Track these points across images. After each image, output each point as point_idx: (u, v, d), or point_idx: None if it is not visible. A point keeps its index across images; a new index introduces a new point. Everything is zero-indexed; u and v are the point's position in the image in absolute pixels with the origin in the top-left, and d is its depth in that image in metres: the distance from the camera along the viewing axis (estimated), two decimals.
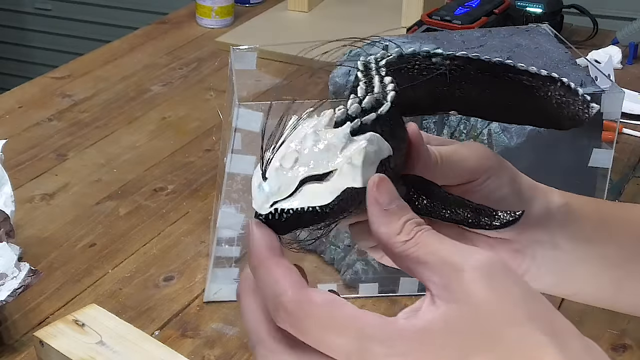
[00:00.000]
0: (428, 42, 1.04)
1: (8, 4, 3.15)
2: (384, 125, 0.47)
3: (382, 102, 0.48)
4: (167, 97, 1.49)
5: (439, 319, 0.41)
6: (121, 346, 0.84)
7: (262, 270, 0.44)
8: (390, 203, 0.44)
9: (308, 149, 0.45)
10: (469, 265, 0.42)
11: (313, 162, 0.44)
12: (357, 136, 0.45)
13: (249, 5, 1.90)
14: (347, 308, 0.42)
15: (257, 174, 0.46)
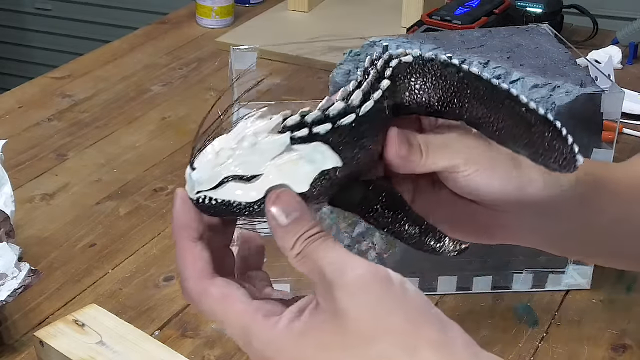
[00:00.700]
0: (428, 42, 1.04)
1: (8, 4, 3.15)
2: (343, 135, 0.49)
3: (354, 109, 0.49)
4: (167, 97, 1.49)
5: (313, 328, 0.46)
6: (121, 346, 0.84)
7: (177, 247, 0.49)
8: (286, 217, 0.47)
9: (243, 150, 0.47)
10: (342, 281, 0.45)
11: (244, 163, 0.47)
12: (299, 145, 0.48)
13: (249, 5, 1.90)
14: (238, 304, 0.48)
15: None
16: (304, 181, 0.48)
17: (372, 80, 0.51)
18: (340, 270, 0.45)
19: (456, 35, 1.08)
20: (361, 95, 0.50)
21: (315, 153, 0.48)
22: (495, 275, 1.03)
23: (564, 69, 0.99)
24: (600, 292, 1.03)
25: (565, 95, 0.94)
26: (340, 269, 0.45)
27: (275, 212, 0.47)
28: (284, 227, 0.47)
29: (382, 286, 0.45)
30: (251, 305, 0.47)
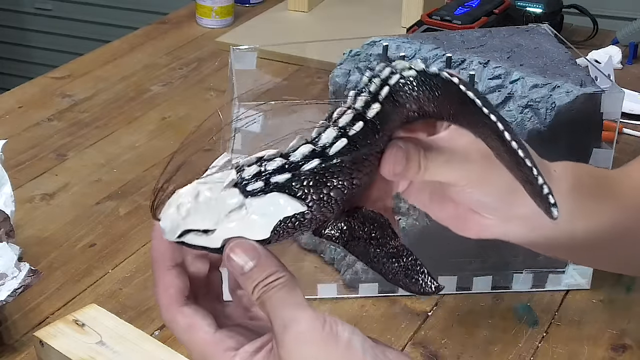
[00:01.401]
0: (428, 42, 1.04)
1: (8, 4, 3.15)
2: (306, 181, 0.50)
3: (323, 151, 0.50)
4: (167, 97, 1.49)
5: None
6: (121, 346, 0.84)
7: (154, 273, 0.52)
8: (244, 266, 0.50)
9: (199, 205, 0.50)
10: (283, 338, 0.48)
11: (201, 219, 0.50)
12: (254, 198, 0.49)
13: (249, 5, 1.90)
14: (202, 335, 0.51)
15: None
16: (263, 230, 0.50)
17: (360, 107, 0.51)
18: (284, 326, 0.48)
19: (456, 35, 1.08)
20: (334, 135, 0.50)
21: (269, 206, 0.49)
22: (495, 275, 1.03)
23: (564, 69, 0.99)
24: (600, 292, 1.03)
25: (565, 95, 0.94)
26: (284, 324, 0.48)
27: (233, 263, 0.50)
28: (243, 274, 0.50)
29: (323, 343, 0.48)
30: (214, 337, 0.51)
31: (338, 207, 0.51)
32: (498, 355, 0.93)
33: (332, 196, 0.50)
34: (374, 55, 1.04)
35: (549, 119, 0.94)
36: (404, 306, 1.01)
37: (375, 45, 1.04)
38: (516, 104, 0.95)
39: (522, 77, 0.97)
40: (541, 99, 0.94)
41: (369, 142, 0.50)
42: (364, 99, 0.51)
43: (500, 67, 0.99)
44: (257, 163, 0.50)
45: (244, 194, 0.49)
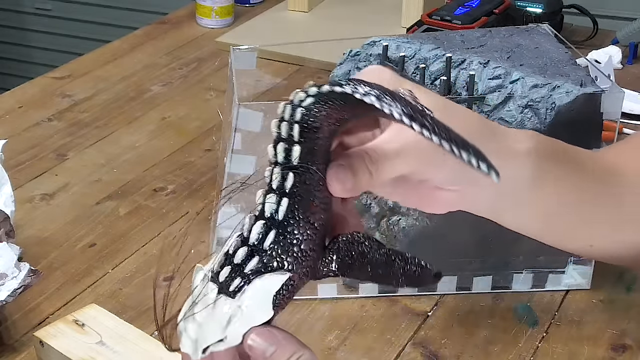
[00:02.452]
0: (428, 42, 1.04)
1: (8, 4, 3.15)
2: (271, 258, 0.52)
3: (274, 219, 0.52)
4: (167, 97, 1.49)
5: None
6: (121, 346, 0.84)
7: None
8: (264, 353, 0.51)
9: (202, 327, 0.54)
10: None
11: (210, 334, 0.53)
12: (239, 295, 0.52)
13: (249, 5, 1.90)
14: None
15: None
16: (265, 313, 0.51)
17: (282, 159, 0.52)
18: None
19: (456, 35, 1.08)
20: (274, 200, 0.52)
21: (258, 292, 0.51)
22: (495, 275, 1.03)
23: (564, 69, 0.99)
24: (600, 292, 1.03)
25: (565, 95, 0.94)
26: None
27: (255, 351, 0.51)
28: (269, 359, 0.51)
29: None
30: None
31: (316, 252, 0.53)
32: (498, 355, 0.93)
33: (303, 249, 0.52)
34: (374, 55, 1.04)
35: (549, 119, 0.94)
36: (404, 306, 1.01)
37: (375, 45, 1.04)
38: (516, 104, 0.95)
39: (522, 77, 0.97)
40: (541, 99, 0.94)
41: (308, 184, 0.51)
42: (282, 148, 0.51)
43: (500, 67, 0.99)
44: (226, 262, 0.52)
45: (231, 297, 0.52)
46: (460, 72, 1.00)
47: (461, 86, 0.99)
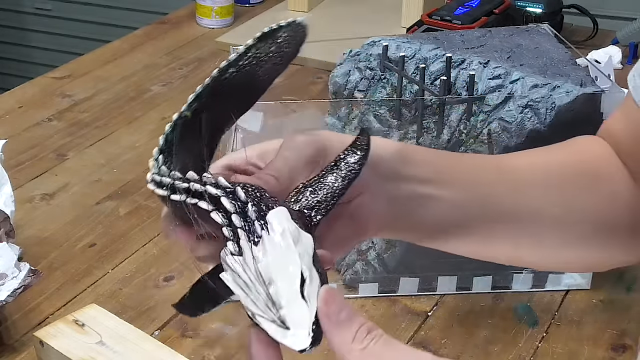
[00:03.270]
0: (428, 42, 1.04)
1: (8, 4, 3.15)
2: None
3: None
4: (167, 97, 1.49)
5: None
6: (121, 346, 0.84)
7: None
8: (339, 313, 0.47)
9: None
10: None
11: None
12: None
13: (249, 5, 1.90)
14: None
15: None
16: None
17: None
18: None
19: (456, 35, 1.08)
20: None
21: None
22: (495, 275, 1.03)
23: (564, 69, 0.99)
24: (600, 292, 1.03)
25: (565, 95, 0.94)
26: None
27: (327, 310, 0.47)
28: (339, 323, 0.47)
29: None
30: None
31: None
32: (498, 355, 0.93)
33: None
34: (374, 55, 1.04)
35: (549, 119, 0.94)
36: (404, 306, 1.01)
37: (375, 45, 1.05)
38: (516, 104, 0.95)
39: (522, 77, 0.97)
40: (541, 99, 0.94)
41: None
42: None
43: (500, 67, 0.99)
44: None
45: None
46: (460, 72, 1.00)
47: (461, 86, 0.99)
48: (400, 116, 1.00)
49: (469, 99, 0.97)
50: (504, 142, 0.96)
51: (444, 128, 0.98)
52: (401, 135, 1.00)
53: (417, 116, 0.98)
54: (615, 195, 0.71)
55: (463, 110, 0.97)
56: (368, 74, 1.04)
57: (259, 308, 0.46)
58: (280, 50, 0.57)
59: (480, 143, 0.97)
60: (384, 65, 1.03)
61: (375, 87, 1.03)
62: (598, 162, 0.74)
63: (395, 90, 1.02)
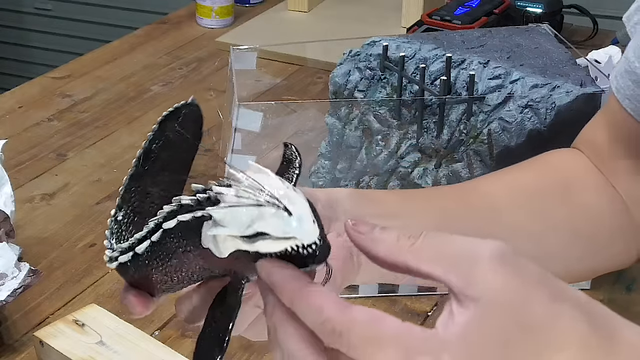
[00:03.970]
0: (428, 42, 1.04)
1: (8, 4, 3.15)
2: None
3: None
4: (167, 97, 1.49)
5: (473, 320, 0.42)
6: (121, 346, 0.84)
7: (300, 301, 0.44)
8: (373, 228, 0.46)
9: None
10: (483, 259, 0.43)
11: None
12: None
13: (249, 5, 1.90)
14: (390, 322, 0.43)
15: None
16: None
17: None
18: (476, 248, 0.43)
19: (456, 35, 1.08)
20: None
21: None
22: None
23: (564, 69, 0.99)
24: (600, 292, 1.03)
25: (565, 95, 0.94)
26: (474, 247, 0.43)
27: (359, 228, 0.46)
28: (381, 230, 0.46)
29: (519, 255, 0.44)
30: (402, 323, 0.44)
31: None
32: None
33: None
34: (374, 55, 1.04)
35: (549, 119, 0.95)
36: (404, 306, 1.00)
37: (375, 45, 1.05)
38: (516, 104, 0.95)
39: (522, 77, 0.97)
40: (541, 99, 0.94)
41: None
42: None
43: (500, 67, 0.99)
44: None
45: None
46: (460, 72, 1.00)
47: (461, 86, 0.99)
48: (400, 116, 1.00)
49: (469, 99, 0.97)
50: (504, 142, 0.96)
51: (444, 128, 0.98)
52: (401, 135, 1.00)
53: (417, 116, 0.98)
54: (589, 205, 0.71)
55: (463, 110, 0.97)
56: (368, 74, 1.04)
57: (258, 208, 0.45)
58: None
59: (480, 143, 0.97)
60: (384, 65, 1.03)
61: (375, 87, 1.03)
62: (569, 173, 0.74)
63: (395, 90, 1.02)
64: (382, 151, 1.01)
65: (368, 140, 1.02)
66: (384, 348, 0.42)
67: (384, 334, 0.43)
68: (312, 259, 0.45)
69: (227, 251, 0.47)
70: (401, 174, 1.01)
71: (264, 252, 0.45)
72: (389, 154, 1.01)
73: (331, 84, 1.06)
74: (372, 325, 0.43)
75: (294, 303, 0.44)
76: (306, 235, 0.45)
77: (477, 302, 0.42)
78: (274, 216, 0.44)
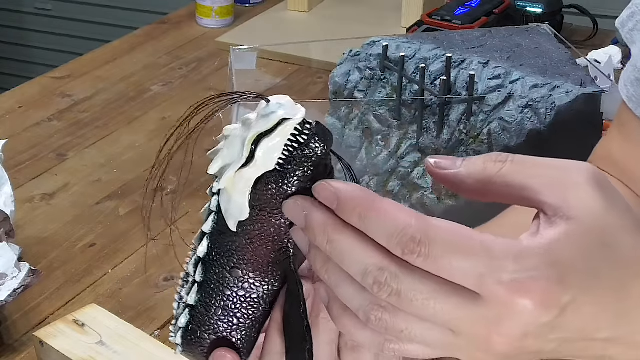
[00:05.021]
0: (428, 42, 1.04)
1: (8, 4, 3.15)
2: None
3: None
4: (167, 97, 1.49)
5: (563, 235, 0.42)
6: (121, 346, 0.84)
7: (373, 214, 0.43)
8: (455, 162, 0.45)
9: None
10: (581, 181, 0.43)
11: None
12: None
13: (249, 5, 1.90)
14: (471, 231, 0.42)
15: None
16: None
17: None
18: (573, 171, 0.44)
19: (456, 35, 1.08)
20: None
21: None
22: None
23: (564, 69, 0.99)
24: None
25: (566, 95, 0.94)
26: (571, 169, 0.44)
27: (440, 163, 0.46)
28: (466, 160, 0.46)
29: (609, 181, 0.45)
30: (481, 232, 0.43)
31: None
32: None
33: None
34: (374, 55, 1.04)
35: (549, 119, 0.95)
36: None
37: (375, 45, 1.05)
38: (516, 104, 0.95)
39: (522, 77, 0.97)
40: (541, 99, 0.95)
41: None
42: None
43: (500, 67, 0.99)
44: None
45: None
46: (460, 72, 1.00)
47: (461, 86, 0.99)
48: (400, 116, 1.00)
49: (469, 99, 0.97)
50: (504, 142, 0.96)
51: (444, 128, 0.98)
52: (401, 135, 1.00)
53: (417, 116, 0.98)
54: None
55: (463, 110, 0.97)
56: (368, 74, 1.04)
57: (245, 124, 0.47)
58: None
59: (480, 143, 0.97)
60: (384, 65, 1.03)
61: (375, 87, 1.03)
62: None
63: (395, 90, 1.02)
64: (382, 151, 1.01)
65: (368, 140, 1.02)
66: (467, 256, 0.41)
67: (467, 241, 0.42)
68: (315, 142, 0.45)
69: (244, 197, 0.47)
70: (401, 174, 1.01)
71: (268, 159, 0.45)
72: (389, 154, 1.01)
73: (331, 84, 1.06)
74: (455, 232, 0.42)
75: (365, 216, 0.43)
76: (292, 110, 0.45)
77: (570, 220, 0.42)
78: (260, 116, 0.46)
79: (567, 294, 0.42)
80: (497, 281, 0.41)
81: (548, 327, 0.42)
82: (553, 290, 0.41)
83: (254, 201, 0.47)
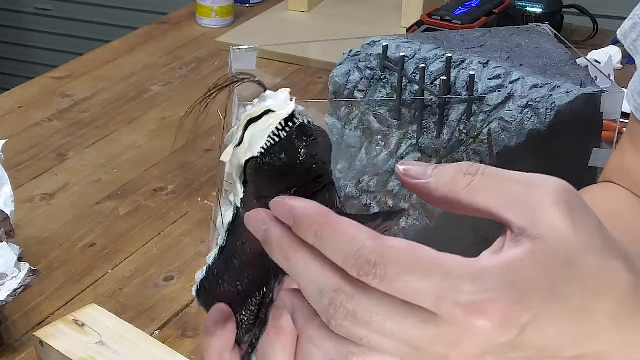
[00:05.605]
0: (428, 42, 1.04)
1: (8, 4, 3.15)
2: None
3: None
4: (167, 97, 1.49)
5: (526, 254, 0.42)
6: (121, 346, 0.84)
7: (329, 232, 0.42)
8: (425, 170, 0.45)
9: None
10: (549, 200, 0.42)
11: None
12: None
13: (249, 5, 1.90)
14: (428, 250, 0.42)
15: None
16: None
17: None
18: (541, 189, 0.43)
19: (456, 35, 1.08)
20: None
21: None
22: None
23: (564, 69, 0.99)
24: None
25: (566, 95, 0.94)
26: (539, 187, 0.43)
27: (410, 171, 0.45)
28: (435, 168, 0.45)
29: (583, 201, 0.44)
30: (439, 252, 0.42)
31: None
32: None
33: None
34: (374, 55, 1.04)
35: (549, 119, 0.94)
36: None
37: (375, 45, 1.05)
38: (516, 104, 0.95)
39: (522, 77, 0.97)
40: (541, 99, 0.95)
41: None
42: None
43: (500, 67, 0.99)
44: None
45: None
46: (460, 72, 1.00)
47: (461, 86, 0.99)
48: (400, 116, 1.00)
49: (469, 99, 0.97)
50: (504, 142, 0.96)
51: (444, 128, 0.98)
52: (401, 135, 1.00)
53: (417, 116, 0.98)
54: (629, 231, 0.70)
55: (463, 110, 0.97)
56: (368, 74, 1.04)
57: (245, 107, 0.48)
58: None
59: (480, 143, 0.97)
60: (384, 65, 1.03)
61: (375, 87, 1.03)
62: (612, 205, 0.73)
63: (395, 90, 1.02)
64: (382, 151, 1.01)
65: (368, 140, 1.02)
66: (423, 277, 0.41)
67: (423, 261, 0.41)
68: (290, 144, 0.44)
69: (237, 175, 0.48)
70: None
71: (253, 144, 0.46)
72: (389, 154, 1.01)
73: (331, 84, 1.06)
74: (411, 253, 0.41)
75: (321, 235, 0.42)
76: (281, 104, 0.47)
77: (535, 240, 0.42)
78: (257, 101, 0.48)
79: (528, 314, 0.41)
80: (454, 302, 0.41)
81: (508, 346, 0.41)
82: (512, 309, 0.41)
83: (245, 183, 0.47)
